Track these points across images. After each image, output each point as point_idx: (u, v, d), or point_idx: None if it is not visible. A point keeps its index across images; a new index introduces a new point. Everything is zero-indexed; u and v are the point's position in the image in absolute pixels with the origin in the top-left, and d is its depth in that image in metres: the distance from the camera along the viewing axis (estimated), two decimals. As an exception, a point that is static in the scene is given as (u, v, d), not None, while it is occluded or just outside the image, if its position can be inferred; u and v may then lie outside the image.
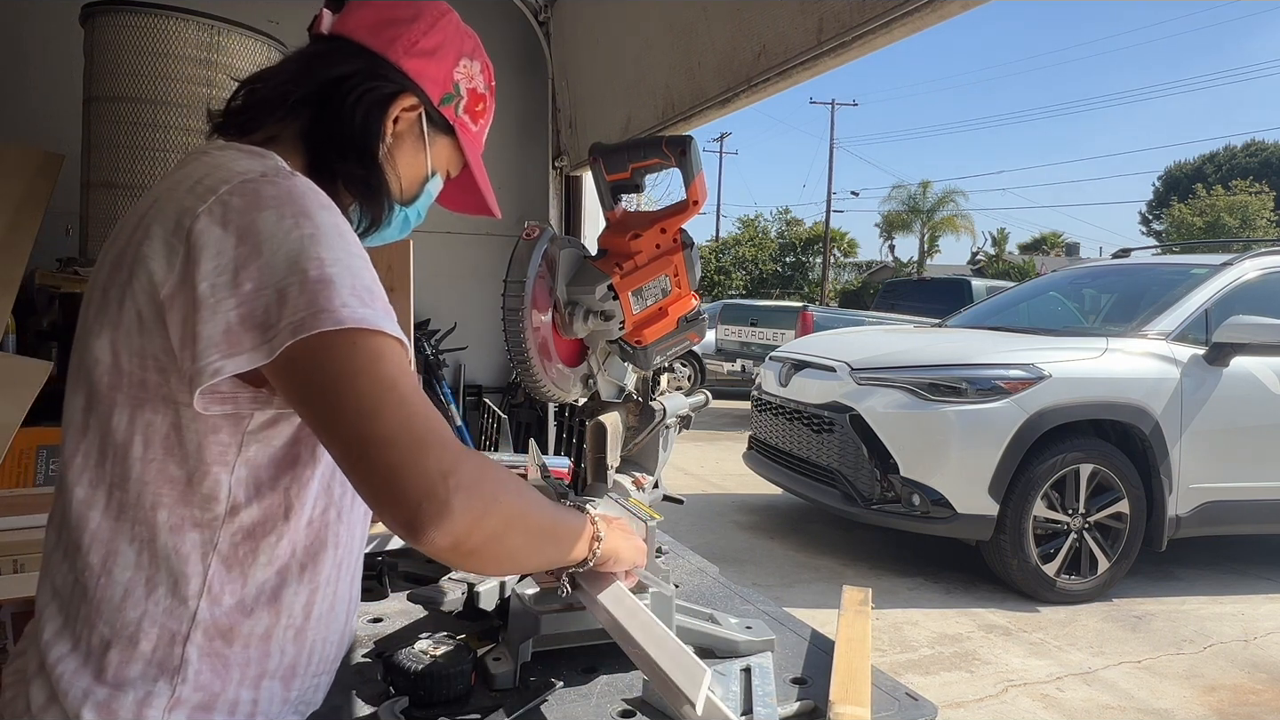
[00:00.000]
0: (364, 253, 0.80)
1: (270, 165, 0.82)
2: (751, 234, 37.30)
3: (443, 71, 0.97)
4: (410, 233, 1.07)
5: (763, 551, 5.05)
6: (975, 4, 1.48)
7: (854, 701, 1.02)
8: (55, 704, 0.77)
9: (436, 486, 0.70)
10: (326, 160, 0.92)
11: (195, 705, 0.79)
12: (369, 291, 0.76)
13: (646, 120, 2.83)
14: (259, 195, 0.77)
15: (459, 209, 1.14)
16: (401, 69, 0.94)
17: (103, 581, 0.78)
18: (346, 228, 0.80)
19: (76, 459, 0.80)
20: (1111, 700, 3.26)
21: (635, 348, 1.21)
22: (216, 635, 0.80)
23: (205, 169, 0.80)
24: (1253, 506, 4.57)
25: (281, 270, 0.73)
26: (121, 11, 2.36)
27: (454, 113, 0.99)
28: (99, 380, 0.79)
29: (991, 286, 10.11)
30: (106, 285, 0.80)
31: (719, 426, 9.70)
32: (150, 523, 0.78)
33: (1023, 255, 38.51)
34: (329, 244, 0.75)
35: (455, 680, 1.01)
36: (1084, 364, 4.42)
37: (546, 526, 0.87)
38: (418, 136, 0.98)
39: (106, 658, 0.77)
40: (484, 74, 1.03)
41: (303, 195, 0.78)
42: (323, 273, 0.73)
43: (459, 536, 0.71)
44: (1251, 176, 36.91)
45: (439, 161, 1.02)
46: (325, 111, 0.91)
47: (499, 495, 0.75)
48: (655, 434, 1.32)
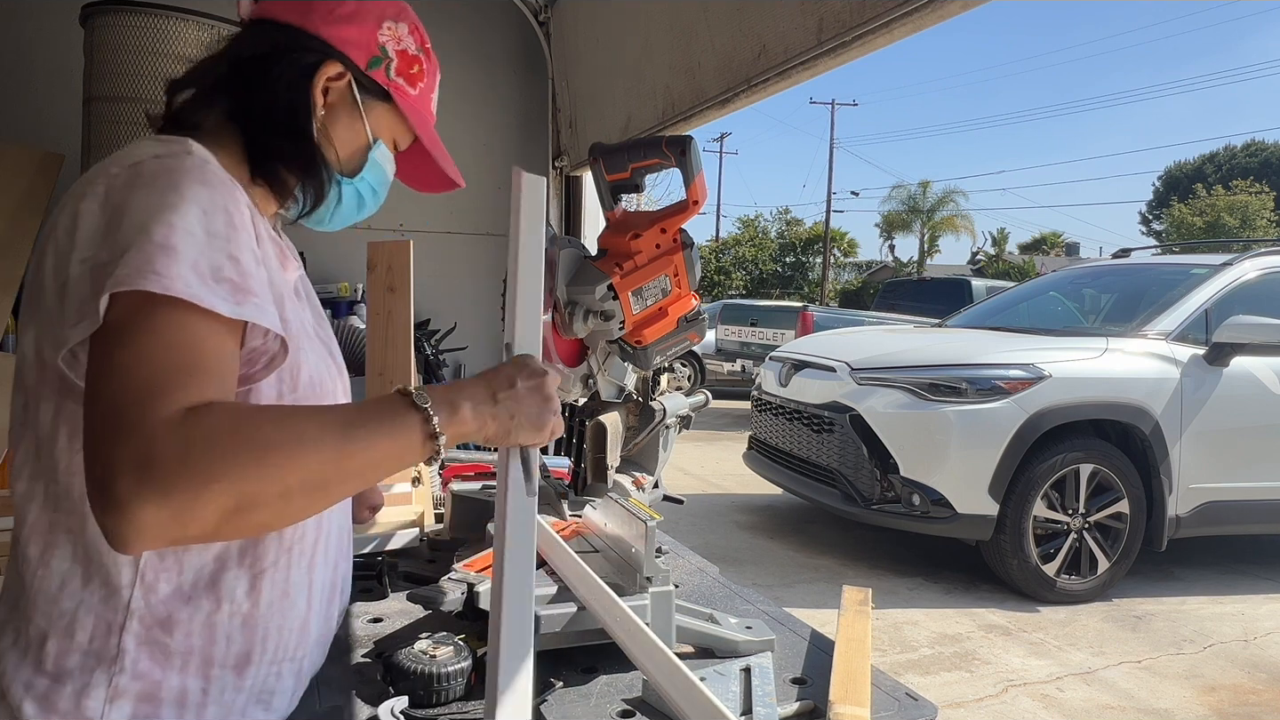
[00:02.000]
0: (236, 237, 0.77)
1: (171, 149, 0.81)
2: (751, 234, 37.30)
3: (365, 35, 0.96)
4: (372, 211, 1.06)
5: (763, 551, 5.05)
6: (975, 4, 1.48)
7: (854, 702, 1.02)
8: (2, 699, 0.78)
9: (115, 483, 0.63)
10: (259, 141, 0.92)
11: (138, 695, 0.79)
12: (216, 270, 0.73)
13: (646, 120, 2.83)
14: (139, 174, 0.77)
15: (428, 189, 1.12)
16: (322, 37, 0.93)
17: (40, 573, 0.79)
18: (222, 205, 0.78)
19: (18, 456, 0.82)
20: (1111, 700, 3.26)
21: (635, 348, 1.21)
22: (154, 624, 0.79)
23: (111, 160, 0.81)
24: (1253, 506, 4.57)
25: (130, 236, 0.72)
26: (121, 11, 2.36)
27: (385, 76, 0.97)
28: (27, 376, 0.80)
29: (991, 286, 10.12)
30: (30, 283, 0.82)
31: (719, 426, 9.70)
32: (80, 513, 0.78)
33: (1023, 255, 38.50)
34: (185, 214, 0.74)
35: (455, 680, 1.01)
36: (1084, 364, 4.42)
37: (322, 474, 0.71)
38: (352, 105, 0.96)
39: (45, 649, 0.78)
40: (413, 35, 1.00)
41: (183, 171, 0.77)
42: (168, 240, 0.71)
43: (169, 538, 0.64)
44: (1251, 176, 36.91)
45: (379, 128, 1.00)
46: (249, 93, 0.91)
47: (215, 472, 0.64)
48: (655, 434, 1.32)
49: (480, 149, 3.71)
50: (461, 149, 3.67)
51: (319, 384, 0.91)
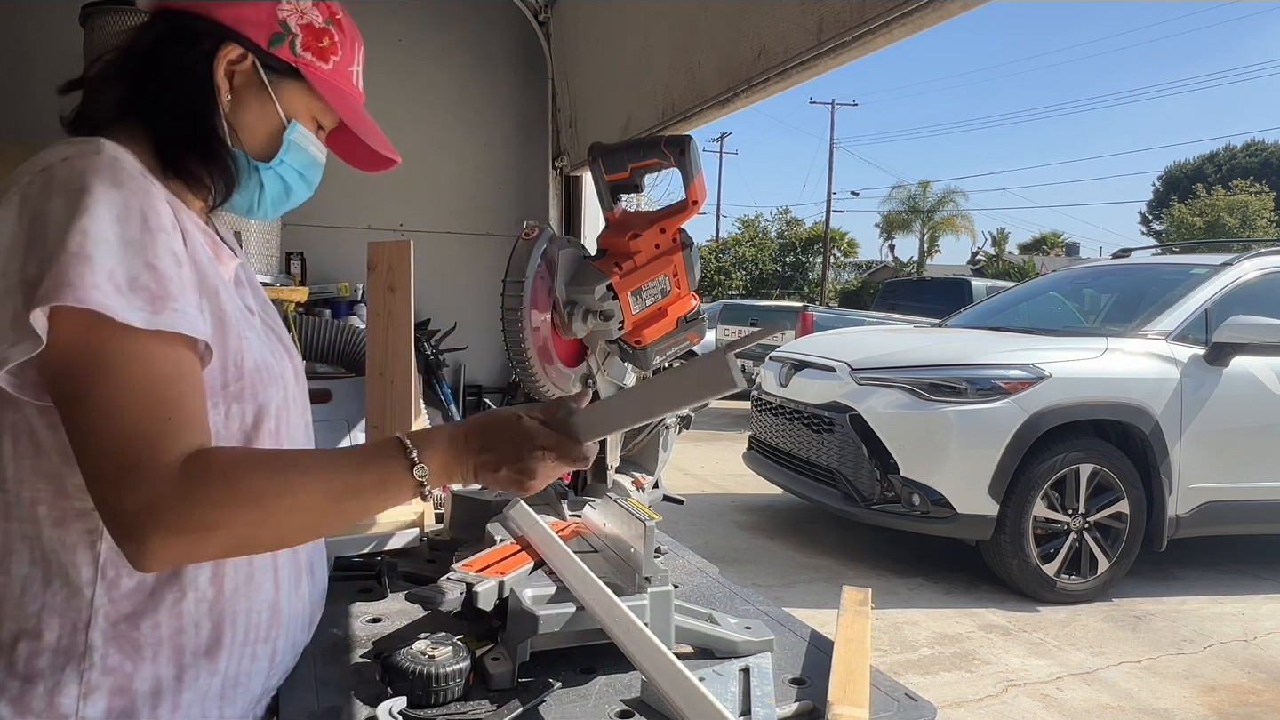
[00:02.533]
0: (154, 235, 0.77)
1: (84, 149, 0.80)
2: (751, 234, 37.30)
3: (263, 13, 0.92)
4: (308, 195, 1.03)
5: (763, 551, 5.05)
6: (975, 4, 1.48)
7: (853, 702, 1.02)
8: None
9: (134, 527, 0.70)
10: (161, 132, 0.90)
11: (111, 689, 0.80)
12: (131, 278, 0.74)
13: (646, 120, 2.83)
14: (52, 180, 0.77)
15: (369, 167, 1.10)
16: (216, 20, 0.91)
17: (2, 580, 0.80)
18: (139, 207, 0.77)
19: None
20: (1111, 700, 3.26)
21: (635, 348, 1.21)
22: (120, 619, 0.81)
23: (24, 166, 0.80)
24: (1253, 506, 4.57)
25: (54, 250, 0.72)
26: (121, 12, 2.36)
27: (290, 53, 0.94)
28: None
29: (991, 286, 10.12)
30: None
31: (719, 426, 9.70)
32: (34, 519, 0.80)
33: (1023, 255, 38.50)
34: (99, 219, 0.74)
35: (454, 680, 1.01)
36: (1084, 364, 4.42)
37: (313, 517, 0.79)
38: (259, 87, 0.94)
39: (15, 651, 0.79)
40: (319, 8, 0.97)
41: (94, 172, 0.77)
42: (82, 249, 0.72)
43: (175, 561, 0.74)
44: (1251, 176, 36.92)
45: (293, 109, 0.97)
46: (144, 83, 0.90)
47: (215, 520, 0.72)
48: (655, 434, 1.32)
49: (480, 149, 3.71)
50: (461, 149, 3.70)
51: (265, 369, 0.91)
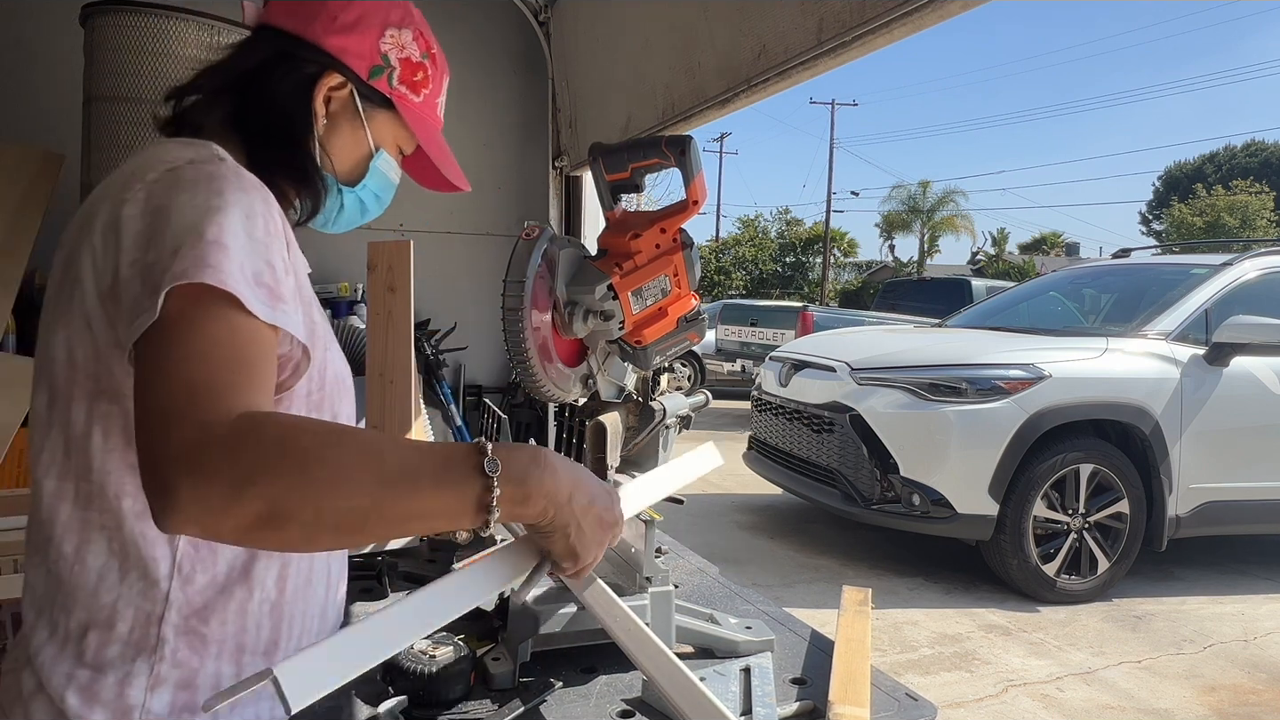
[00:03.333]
0: (271, 240, 0.79)
1: (201, 153, 0.83)
2: (751, 234, 37.29)
3: (367, 44, 0.95)
4: (378, 214, 1.06)
5: (763, 551, 5.05)
6: (975, 4, 1.48)
7: (853, 702, 1.02)
8: (42, 691, 0.79)
9: (165, 468, 0.63)
10: (258, 149, 0.92)
11: (176, 683, 0.81)
12: (256, 274, 0.75)
13: (646, 120, 2.83)
14: (179, 179, 0.78)
15: (434, 186, 1.13)
16: (322, 47, 0.93)
17: (76, 569, 0.80)
18: (262, 211, 0.79)
19: (44, 454, 0.82)
20: (1111, 700, 3.26)
21: (635, 348, 1.21)
22: (191, 613, 0.82)
23: (139, 162, 0.82)
24: (1252, 506, 4.58)
25: (181, 234, 0.73)
26: (121, 11, 2.36)
27: (388, 85, 0.97)
28: (57, 376, 0.81)
29: (991, 286, 10.12)
30: (60, 283, 0.83)
31: (719, 426, 9.69)
32: (116, 511, 0.80)
33: (1023, 255, 38.49)
34: (232, 217, 0.75)
35: (455, 680, 1.01)
36: (1084, 364, 4.42)
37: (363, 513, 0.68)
38: (354, 115, 0.97)
39: (85, 641, 0.80)
40: (418, 42, 1.00)
41: (222, 177, 0.79)
42: (219, 238, 0.73)
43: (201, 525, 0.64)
44: (1251, 176, 36.91)
45: (382, 138, 1.00)
46: (249, 101, 0.92)
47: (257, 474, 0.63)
48: (655, 434, 1.32)
49: (480, 149, 3.71)
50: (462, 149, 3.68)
51: (341, 380, 0.94)
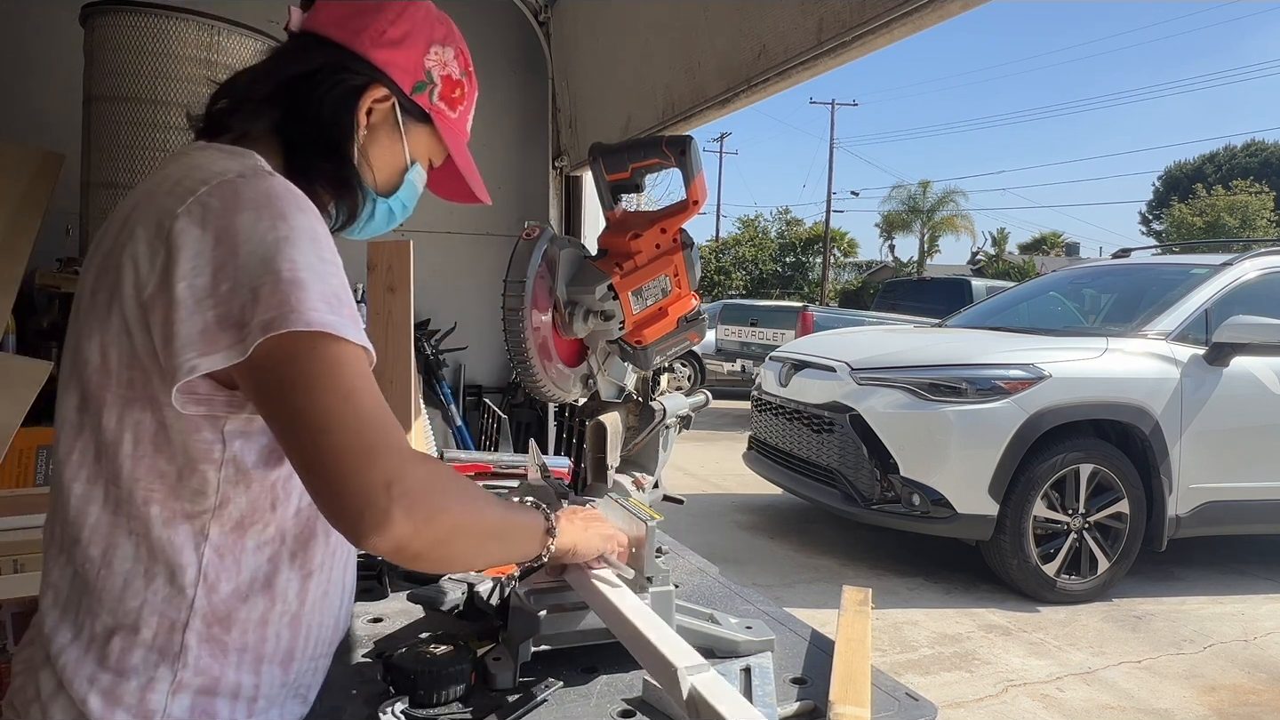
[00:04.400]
0: (336, 258, 0.81)
1: (248, 165, 0.83)
2: (751, 234, 37.28)
3: (413, 60, 0.97)
4: (400, 223, 1.07)
5: (763, 551, 5.05)
6: (975, 4, 1.48)
7: (854, 702, 1.02)
8: (62, 692, 0.79)
9: (378, 497, 0.73)
10: (300, 157, 0.93)
11: (197, 689, 0.82)
12: (336, 298, 0.78)
13: (646, 120, 2.83)
14: (237, 196, 0.78)
15: (451, 197, 1.14)
16: (370, 60, 0.94)
17: (103, 573, 0.81)
18: (321, 231, 0.81)
19: (73, 456, 0.82)
20: (1111, 700, 3.26)
21: (635, 348, 1.21)
22: (214, 622, 0.82)
23: (184, 170, 0.82)
24: (1253, 506, 4.57)
25: (256, 270, 0.74)
26: (121, 11, 2.36)
27: (429, 100, 0.99)
28: (90, 380, 0.81)
29: (991, 286, 10.11)
30: (95, 288, 0.82)
31: (719, 426, 9.70)
32: (144, 517, 0.80)
33: (1023, 255, 38.49)
34: (302, 248, 0.77)
35: (455, 680, 1.01)
36: (1084, 364, 4.42)
37: (494, 531, 0.90)
38: (393, 127, 0.98)
39: (110, 645, 0.80)
40: (458, 60, 1.02)
41: (280, 196, 0.79)
42: (295, 275, 0.75)
43: (400, 543, 0.75)
44: (1251, 176, 36.90)
45: (417, 151, 1.02)
46: (294, 108, 0.92)
47: (445, 505, 0.78)
48: (655, 434, 1.32)
49: (480, 149, 3.70)
50: (461, 149, 3.68)
51: None
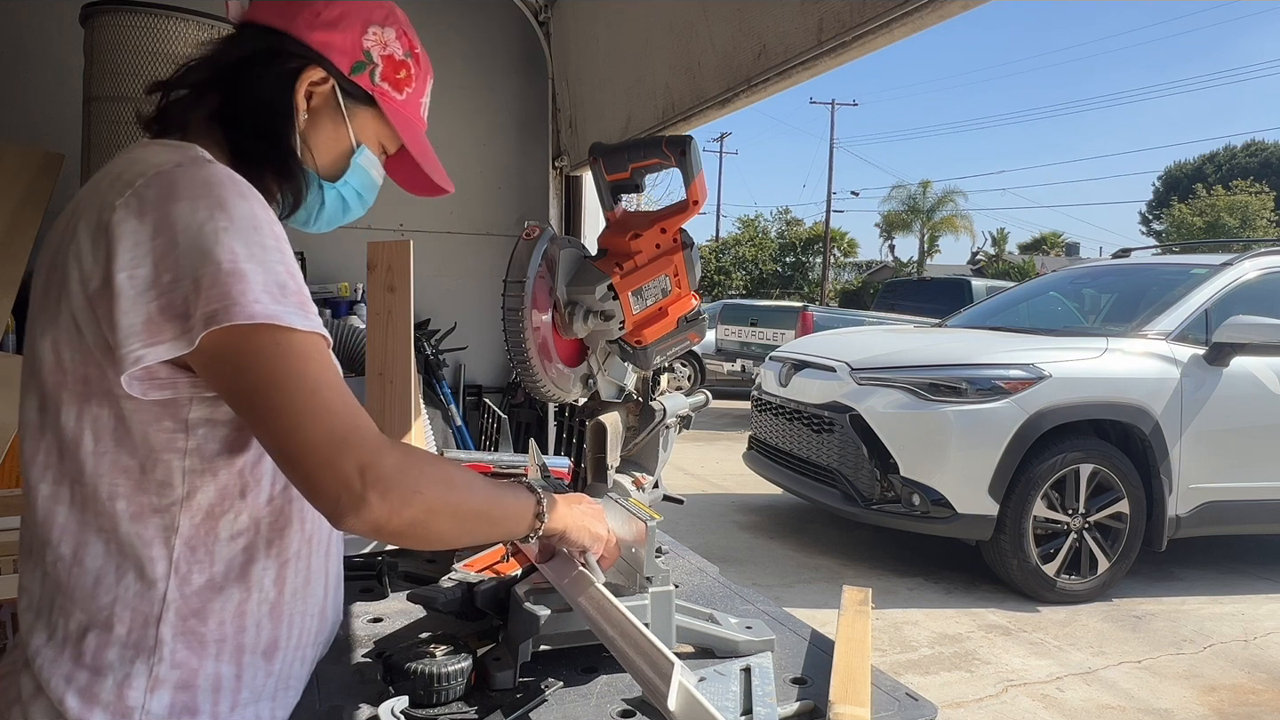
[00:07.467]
0: (282, 244, 0.81)
1: (187, 155, 0.83)
2: (751, 234, 37.28)
3: (350, 40, 0.96)
4: (360, 214, 1.07)
5: (763, 551, 5.05)
6: (975, 4, 1.48)
7: (854, 701, 1.02)
8: (41, 694, 0.79)
9: (353, 482, 0.76)
10: (241, 144, 0.93)
11: (176, 684, 0.81)
12: (280, 287, 0.78)
13: (646, 120, 2.83)
14: (174, 185, 0.78)
15: (416, 190, 1.13)
16: (306, 42, 0.94)
17: (74, 572, 0.81)
18: (265, 217, 0.81)
19: (38, 458, 0.82)
20: (1111, 700, 3.26)
21: (635, 348, 1.21)
22: (189, 614, 0.82)
23: (124, 164, 0.82)
24: (1253, 506, 4.57)
25: (196, 261, 0.75)
26: (121, 11, 2.36)
27: (370, 81, 0.98)
28: (46, 380, 0.81)
29: (991, 286, 10.12)
30: (45, 287, 0.82)
31: (719, 426, 9.70)
32: (111, 513, 0.80)
33: (1023, 255, 38.49)
34: (243, 236, 0.77)
35: (455, 680, 1.01)
36: (1084, 364, 4.42)
37: (478, 510, 0.91)
38: (335, 110, 0.98)
39: (84, 643, 0.80)
40: (401, 40, 1.01)
41: (218, 184, 0.79)
42: (236, 266, 0.75)
43: (376, 524, 0.78)
44: (1251, 176, 36.89)
45: (363, 134, 1.01)
46: (232, 96, 0.93)
47: (419, 486, 0.80)
48: (655, 434, 1.32)
49: (480, 149, 3.71)
50: (462, 149, 3.70)
51: None
